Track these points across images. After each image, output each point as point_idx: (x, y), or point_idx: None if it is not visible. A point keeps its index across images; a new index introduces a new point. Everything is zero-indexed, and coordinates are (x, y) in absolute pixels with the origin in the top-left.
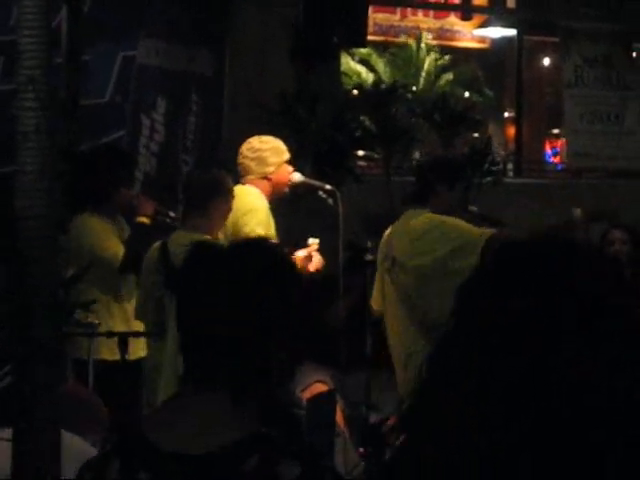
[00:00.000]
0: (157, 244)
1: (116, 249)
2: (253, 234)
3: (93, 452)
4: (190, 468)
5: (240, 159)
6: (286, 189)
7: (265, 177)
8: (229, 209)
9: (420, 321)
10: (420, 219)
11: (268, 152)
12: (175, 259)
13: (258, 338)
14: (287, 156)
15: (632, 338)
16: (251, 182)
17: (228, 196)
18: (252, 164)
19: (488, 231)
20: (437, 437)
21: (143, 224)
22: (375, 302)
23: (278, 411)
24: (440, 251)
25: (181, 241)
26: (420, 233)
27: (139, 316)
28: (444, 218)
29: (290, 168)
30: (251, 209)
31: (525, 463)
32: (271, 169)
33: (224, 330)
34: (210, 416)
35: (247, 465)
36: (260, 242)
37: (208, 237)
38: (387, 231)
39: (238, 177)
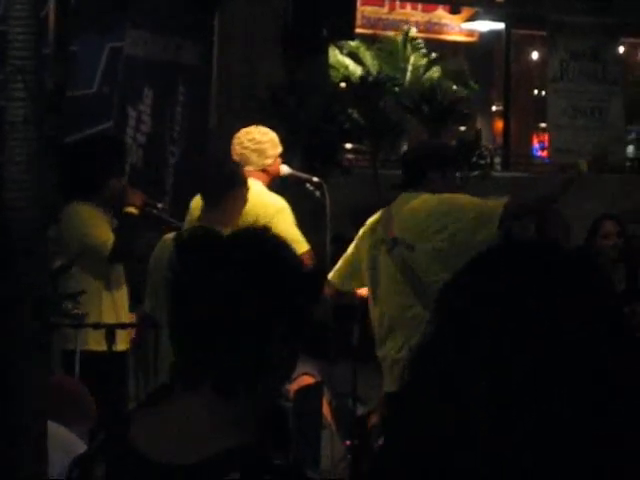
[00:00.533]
0: (168, 237)
1: (106, 237)
2: (289, 235)
3: (79, 443)
4: (172, 479)
5: (240, 149)
6: (274, 181)
7: (263, 169)
8: (245, 202)
9: (426, 301)
10: (422, 199)
11: (267, 144)
12: None
13: (257, 331)
14: (281, 148)
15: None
16: (251, 174)
17: (244, 189)
18: (253, 155)
19: (502, 199)
20: (418, 439)
21: (131, 214)
22: (333, 275)
23: (271, 411)
24: (455, 225)
25: None
26: (429, 212)
27: (148, 309)
28: (448, 194)
29: (281, 161)
30: (280, 209)
31: (517, 466)
32: (270, 161)
33: (220, 323)
34: (199, 421)
35: (230, 478)
36: (260, 231)
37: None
38: (376, 216)
39: None
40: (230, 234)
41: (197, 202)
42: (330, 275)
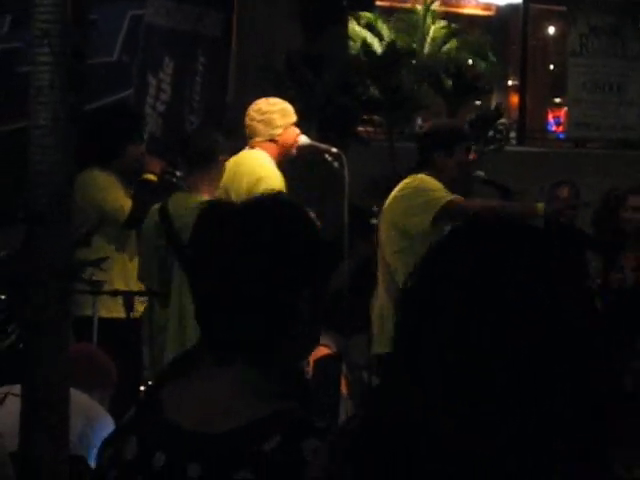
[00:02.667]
0: (156, 206)
1: (123, 202)
2: None
3: (100, 409)
4: (209, 448)
5: (247, 121)
6: (293, 151)
7: (272, 139)
8: (224, 170)
9: (388, 282)
10: (406, 182)
11: (276, 114)
12: (176, 221)
13: (282, 299)
14: (294, 118)
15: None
16: (259, 145)
17: (226, 157)
18: (260, 126)
19: (449, 197)
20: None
21: (149, 181)
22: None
23: (300, 381)
24: (399, 209)
25: (181, 203)
26: (395, 192)
27: (141, 278)
28: (419, 178)
29: (297, 130)
30: (264, 176)
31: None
32: (278, 131)
33: (245, 293)
34: (231, 391)
35: (268, 445)
36: (276, 197)
37: (205, 198)
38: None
39: (247, 139)
40: (247, 202)
41: (249, 176)
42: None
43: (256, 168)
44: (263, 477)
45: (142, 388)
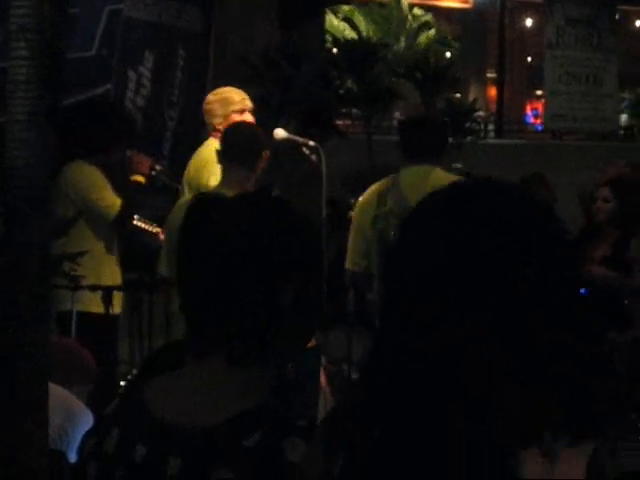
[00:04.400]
0: (184, 201)
1: (112, 201)
2: (208, 186)
3: (79, 404)
4: (190, 442)
5: (204, 107)
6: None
7: (216, 129)
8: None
9: None
10: (445, 178)
11: (216, 104)
12: None
13: (266, 293)
14: (237, 106)
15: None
16: (212, 135)
17: (267, 151)
18: (216, 106)
19: None
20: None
21: (139, 183)
22: (353, 263)
23: (281, 375)
24: None
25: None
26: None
27: (160, 271)
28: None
29: (249, 117)
30: (206, 163)
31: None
32: (218, 120)
33: (232, 287)
34: (215, 386)
35: (249, 441)
36: (264, 193)
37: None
38: (376, 187)
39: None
40: (236, 197)
41: (196, 164)
42: (347, 264)
43: (201, 155)
44: (243, 474)
45: (121, 383)
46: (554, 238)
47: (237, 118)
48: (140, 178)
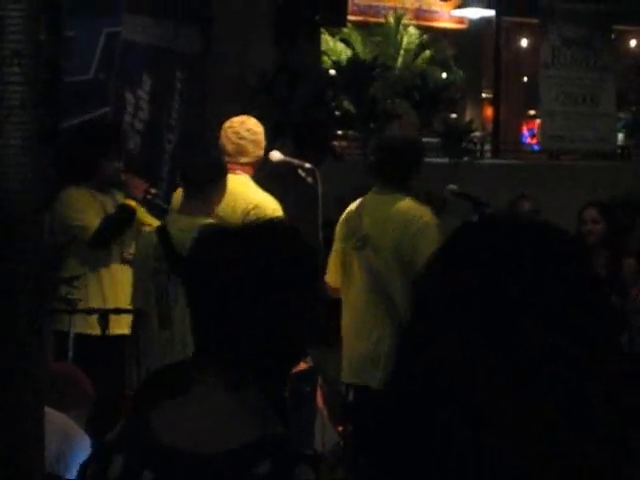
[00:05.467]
0: (151, 229)
1: (88, 222)
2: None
3: (76, 428)
4: (199, 468)
5: (235, 139)
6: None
7: (256, 160)
8: (224, 193)
9: (386, 305)
10: (406, 208)
11: (261, 135)
12: (178, 244)
13: (278, 323)
14: (263, 149)
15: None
16: (241, 167)
17: (225, 179)
18: (250, 146)
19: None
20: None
21: (127, 207)
22: (332, 279)
23: (284, 403)
24: (417, 239)
25: (181, 225)
26: (407, 224)
27: (134, 303)
28: (427, 214)
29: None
30: (258, 203)
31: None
32: (262, 152)
33: (243, 315)
34: (224, 413)
35: (259, 469)
36: (274, 223)
37: (209, 221)
38: (353, 206)
39: (227, 157)
40: (245, 227)
41: (179, 192)
42: (327, 277)
43: (250, 195)
44: None
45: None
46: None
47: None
48: (132, 203)
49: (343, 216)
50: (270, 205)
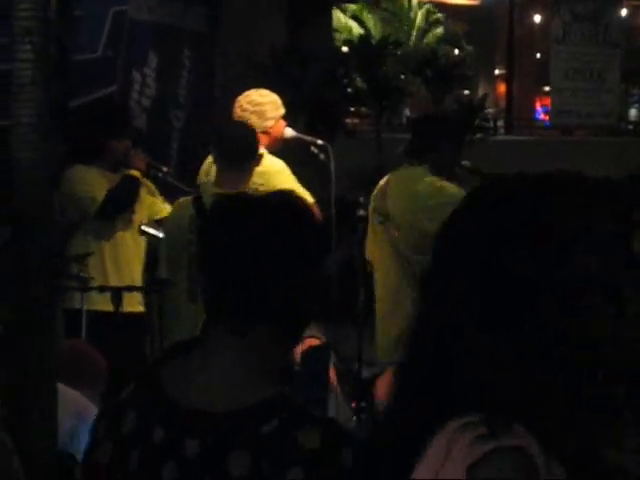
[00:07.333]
0: (185, 201)
1: (94, 193)
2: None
3: (90, 406)
4: (208, 426)
5: (239, 112)
6: (279, 144)
7: (265, 131)
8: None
9: (411, 275)
10: (424, 183)
11: (268, 106)
12: None
13: (282, 277)
14: (283, 110)
15: None
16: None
17: (261, 153)
18: (253, 117)
19: None
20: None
21: (132, 177)
22: (369, 252)
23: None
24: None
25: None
26: (425, 199)
27: (164, 273)
28: (444, 183)
29: (284, 123)
30: (279, 170)
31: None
32: (271, 123)
33: (250, 274)
34: (233, 372)
35: (266, 428)
36: (287, 197)
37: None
38: (381, 182)
39: None
40: (261, 197)
41: (205, 167)
42: (367, 254)
43: (267, 164)
44: (258, 459)
45: None
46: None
47: (283, 123)
48: (136, 173)
49: (374, 192)
50: (284, 170)
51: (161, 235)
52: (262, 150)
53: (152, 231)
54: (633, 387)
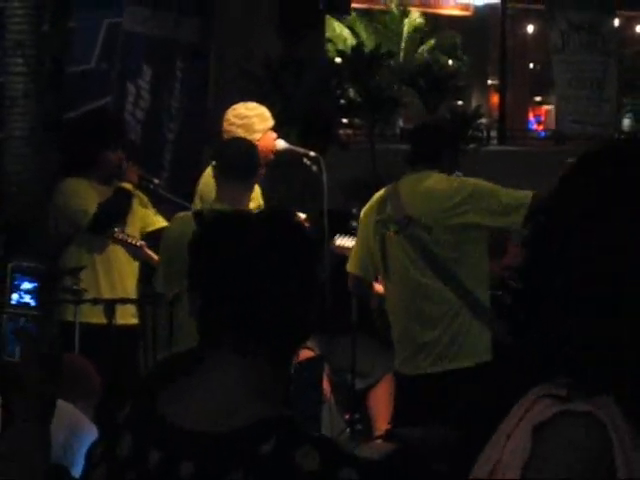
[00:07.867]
0: (185, 216)
1: (85, 207)
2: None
3: (83, 419)
4: (204, 447)
5: (226, 126)
6: (271, 156)
7: None
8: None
9: (451, 284)
10: (436, 179)
11: (255, 118)
12: None
13: (278, 293)
14: (272, 122)
15: None
16: None
17: (263, 168)
18: (239, 131)
19: (526, 192)
20: None
21: (124, 190)
22: (354, 266)
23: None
24: (473, 208)
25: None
26: (450, 195)
27: (160, 288)
28: (464, 178)
29: (274, 135)
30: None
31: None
32: (258, 136)
33: (249, 290)
34: (233, 392)
35: (264, 448)
36: (282, 214)
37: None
38: (380, 194)
39: None
40: (259, 213)
41: (207, 179)
42: (349, 267)
43: None
44: (255, 479)
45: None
46: None
47: (272, 135)
48: (128, 186)
49: (369, 205)
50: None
51: (135, 242)
52: None
53: (126, 238)
54: None
